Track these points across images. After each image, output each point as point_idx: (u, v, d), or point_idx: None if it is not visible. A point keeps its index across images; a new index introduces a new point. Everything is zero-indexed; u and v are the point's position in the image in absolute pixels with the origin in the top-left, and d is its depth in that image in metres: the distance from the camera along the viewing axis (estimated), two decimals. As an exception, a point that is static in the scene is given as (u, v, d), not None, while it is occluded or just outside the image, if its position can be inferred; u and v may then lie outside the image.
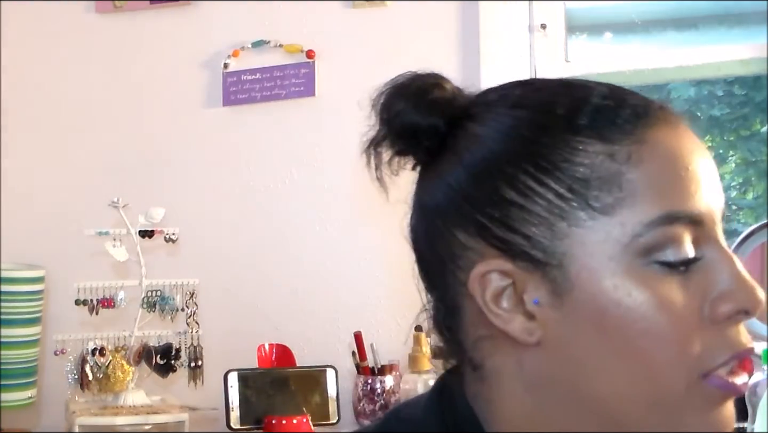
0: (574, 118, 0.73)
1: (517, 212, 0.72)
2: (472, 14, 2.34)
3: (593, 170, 0.71)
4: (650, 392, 0.70)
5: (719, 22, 2.50)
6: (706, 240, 0.72)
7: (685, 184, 0.71)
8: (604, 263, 0.70)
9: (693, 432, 0.71)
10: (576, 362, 0.72)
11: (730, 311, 0.71)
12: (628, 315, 0.69)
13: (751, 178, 3.43)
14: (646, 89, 3.46)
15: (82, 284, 2.20)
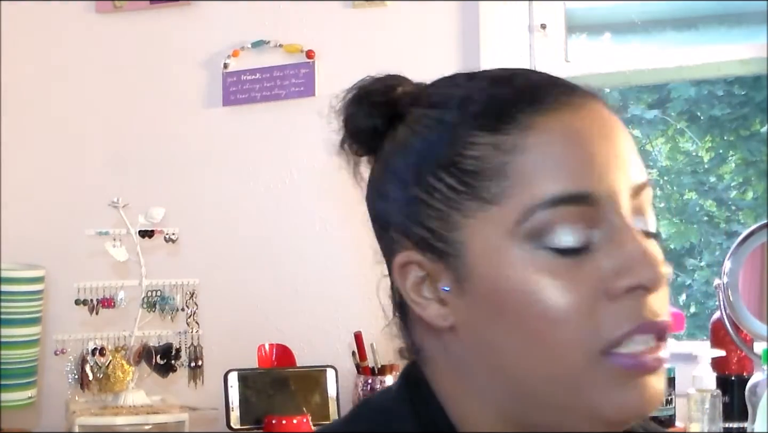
0: (466, 113, 0.75)
1: (422, 208, 0.76)
2: (472, 14, 2.33)
3: (482, 162, 0.73)
4: (553, 370, 0.72)
5: (719, 22, 2.50)
6: (606, 219, 0.72)
7: (574, 166, 0.72)
8: (497, 250, 0.73)
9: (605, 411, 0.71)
10: (486, 345, 0.75)
11: (626, 285, 0.71)
12: (523, 299, 0.71)
13: (751, 178, 3.43)
14: (646, 89, 3.46)
15: (82, 284, 2.20)
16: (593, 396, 0.71)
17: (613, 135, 0.75)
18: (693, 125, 3.55)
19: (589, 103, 0.76)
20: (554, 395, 0.72)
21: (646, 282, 0.71)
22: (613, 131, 0.75)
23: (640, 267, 0.71)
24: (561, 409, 0.73)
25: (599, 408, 0.71)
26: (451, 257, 0.75)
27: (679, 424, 1.92)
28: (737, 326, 1.97)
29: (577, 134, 0.73)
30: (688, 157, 3.59)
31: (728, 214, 3.53)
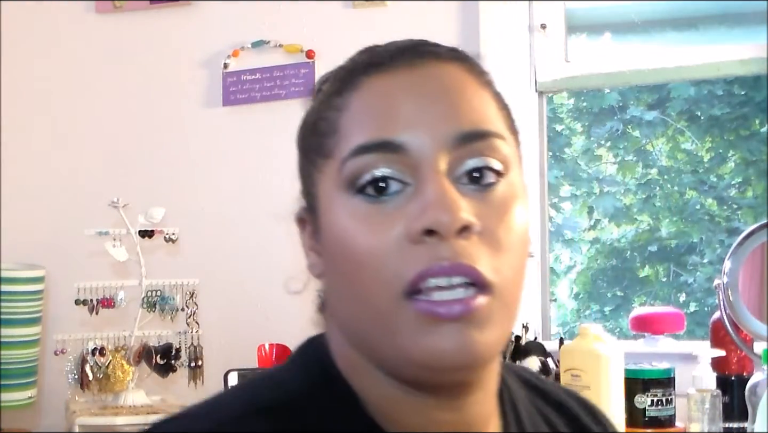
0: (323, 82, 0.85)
1: (302, 168, 0.83)
2: (472, 14, 2.34)
3: (327, 122, 0.80)
4: (362, 310, 0.76)
5: (719, 22, 2.50)
6: (417, 168, 0.75)
7: (383, 118, 0.77)
8: (329, 199, 0.78)
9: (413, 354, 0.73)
10: (331, 289, 0.82)
11: (419, 227, 0.73)
12: (340, 243, 0.77)
13: (750, 178, 3.43)
14: (646, 89, 3.46)
15: (82, 284, 2.21)
16: (399, 337, 0.74)
17: (440, 90, 0.78)
18: (693, 125, 3.55)
19: (425, 63, 0.79)
20: (371, 337, 0.76)
21: (437, 226, 0.73)
22: (444, 86, 0.78)
23: (433, 210, 0.73)
24: (381, 350, 0.76)
25: (407, 351, 0.74)
26: (313, 210, 0.82)
27: (679, 424, 1.92)
28: (737, 326, 1.97)
29: (390, 91, 0.78)
30: (688, 157, 3.59)
31: (728, 212, 3.53)
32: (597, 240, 3.72)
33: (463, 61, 0.82)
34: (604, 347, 1.81)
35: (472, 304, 0.73)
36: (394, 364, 0.76)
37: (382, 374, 0.78)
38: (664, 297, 3.59)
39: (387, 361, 0.76)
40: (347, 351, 0.80)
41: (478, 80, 0.82)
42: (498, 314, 0.74)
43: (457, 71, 0.80)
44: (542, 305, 2.36)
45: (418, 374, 0.75)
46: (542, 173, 2.38)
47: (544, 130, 2.40)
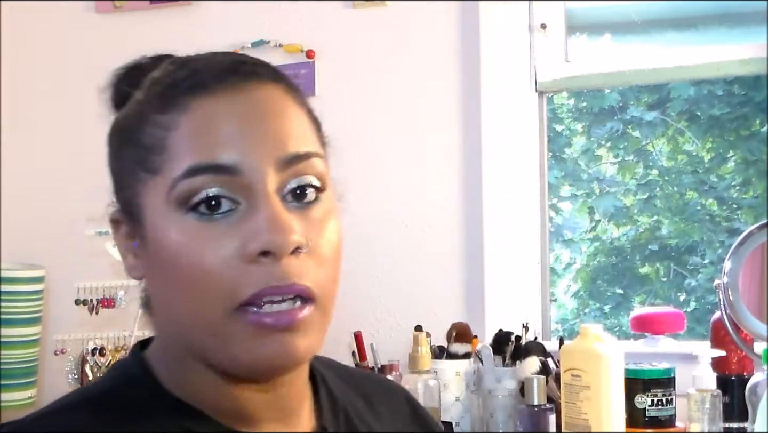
0: (150, 94, 0.86)
1: (119, 176, 0.88)
2: (472, 14, 2.34)
3: (151, 138, 0.83)
4: (198, 322, 0.82)
5: (719, 22, 2.50)
6: (248, 189, 0.81)
7: (215, 141, 0.81)
8: (157, 214, 0.83)
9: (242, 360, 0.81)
10: (158, 294, 0.87)
11: (254, 249, 0.79)
12: (174, 258, 0.81)
13: (751, 178, 3.43)
14: (646, 89, 3.46)
15: (82, 284, 2.21)
16: (231, 347, 0.81)
17: (265, 113, 0.83)
18: (693, 125, 3.55)
19: (248, 86, 0.84)
20: (202, 343, 0.83)
21: (273, 248, 0.79)
22: (267, 110, 0.84)
23: (268, 233, 0.79)
24: (210, 355, 0.83)
25: (237, 357, 0.81)
26: (136, 218, 0.86)
27: (679, 424, 1.92)
28: (737, 326, 1.97)
29: (220, 114, 0.82)
30: (688, 157, 3.59)
31: (729, 213, 3.53)
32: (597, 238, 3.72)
33: (281, 82, 0.87)
34: (604, 347, 1.81)
35: (298, 316, 0.81)
36: (225, 367, 0.83)
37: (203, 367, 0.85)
38: (664, 296, 3.60)
39: (216, 365, 0.84)
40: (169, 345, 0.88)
41: (296, 100, 0.87)
42: (318, 322, 0.83)
43: (278, 92, 0.86)
44: (542, 305, 2.36)
45: (248, 375, 0.84)
46: (542, 173, 2.38)
47: (544, 130, 2.40)
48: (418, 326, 2.05)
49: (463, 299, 2.32)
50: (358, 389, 1.01)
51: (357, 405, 0.99)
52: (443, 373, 2.07)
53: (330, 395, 0.96)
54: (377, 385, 1.06)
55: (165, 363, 0.89)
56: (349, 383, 1.01)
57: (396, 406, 1.04)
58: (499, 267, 2.29)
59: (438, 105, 2.36)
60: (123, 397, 0.86)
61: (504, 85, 2.32)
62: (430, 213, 2.34)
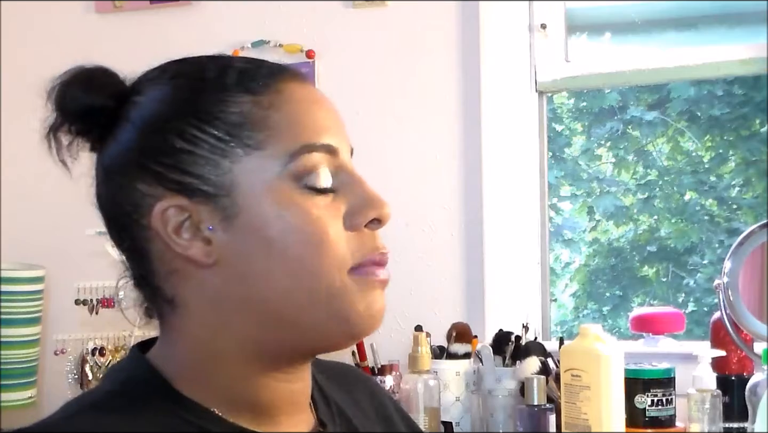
0: (222, 79, 0.90)
1: (186, 157, 0.87)
2: (472, 14, 2.34)
3: (244, 117, 0.87)
4: (311, 289, 0.86)
5: (719, 22, 2.50)
6: (342, 168, 0.90)
7: (318, 123, 0.89)
8: (263, 188, 0.86)
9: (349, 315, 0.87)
10: (248, 274, 0.87)
11: (367, 218, 0.89)
12: (286, 229, 0.85)
13: (751, 178, 3.43)
14: (646, 89, 3.46)
15: (82, 284, 2.21)
16: (344, 306, 0.87)
17: (331, 107, 0.93)
18: (693, 125, 3.55)
19: (309, 83, 0.93)
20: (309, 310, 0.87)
21: (383, 217, 0.90)
22: (331, 105, 0.93)
23: (376, 205, 0.89)
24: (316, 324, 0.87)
25: (345, 315, 0.87)
26: (220, 198, 0.86)
27: (679, 424, 1.92)
28: (737, 326, 1.97)
29: (313, 100, 0.91)
30: (688, 157, 3.60)
31: (728, 213, 3.53)
32: (596, 240, 3.72)
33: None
34: (604, 347, 1.81)
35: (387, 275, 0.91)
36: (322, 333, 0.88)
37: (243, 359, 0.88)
38: (663, 297, 3.60)
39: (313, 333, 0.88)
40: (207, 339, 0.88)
41: None
42: None
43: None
44: (542, 305, 2.36)
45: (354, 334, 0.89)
46: (542, 173, 2.38)
47: (544, 130, 2.40)
48: (418, 326, 2.05)
49: (463, 299, 2.32)
50: (336, 380, 1.05)
51: (341, 397, 1.03)
52: (443, 373, 2.07)
53: (320, 391, 1.00)
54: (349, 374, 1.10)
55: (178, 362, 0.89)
56: (336, 379, 1.05)
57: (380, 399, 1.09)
58: (499, 267, 2.29)
59: (438, 105, 2.36)
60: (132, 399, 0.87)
61: (504, 85, 2.32)
62: (430, 213, 2.34)
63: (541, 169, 2.37)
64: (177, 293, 0.89)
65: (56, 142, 0.96)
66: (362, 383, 1.10)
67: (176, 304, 0.89)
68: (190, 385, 0.88)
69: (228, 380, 0.88)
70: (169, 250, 0.88)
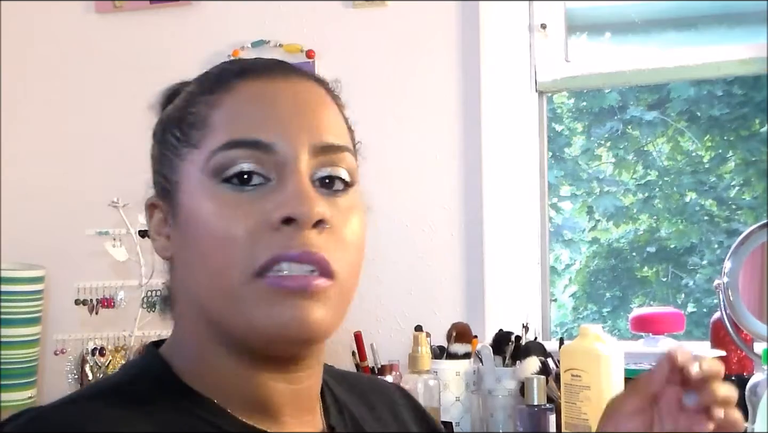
0: (197, 82, 0.93)
1: (160, 159, 0.92)
2: (472, 14, 2.34)
3: (196, 116, 0.90)
4: (216, 287, 0.86)
5: (719, 22, 2.50)
6: (281, 166, 0.87)
7: (255, 120, 0.87)
8: (193, 185, 0.88)
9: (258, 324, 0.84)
10: (184, 267, 0.90)
11: (279, 216, 0.84)
12: (199, 225, 0.87)
13: (750, 179, 3.43)
14: (646, 89, 3.46)
15: (82, 284, 2.21)
16: (247, 311, 0.84)
17: (305, 101, 0.90)
18: (693, 125, 3.55)
19: (291, 78, 0.91)
20: (220, 311, 0.86)
21: (296, 215, 0.84)
22: (307, 99, 0.90)
23: (294, 202, 0.84)
24: (230, 323, 0.86)
25: (253, 322, 0.84)
26: (171, 195, 0.91)
27: (679, 424, 1.92)
28: (737, 326, 1.97)
29: (261, 96, 0.89)
30: (688, 157, 3.60)
31: (728, 213, 3.53)
32: (596, 240, 3.72)
33: (323, 85, 0.95)
34: (604, 347, 1.81)
35: (313, 282, 0.84)
36: (242, 335, 0.86)
37: (226, 352, 0.88)
38: (662, 298, 3.60)
39: (235, 333, 0.86)
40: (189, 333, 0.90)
41: (335, 102, 0.95)
42: (335, 299, 0.86)
43: (320, 90, 0.93)
44: (542, 305, 2.36)
45: (263, 345, 0.86)
46: (542, 173, 2.38)
47: (544, 130, 2.40)
48: (418, 326, 2.05)
49: (463, 299, 2.32)
50: (359, 395, 1.04)
51: (360, 411, 1.01)
52: (443, 373, 2.07)
53: (335, 400, 0.99)
54: (377, 390, 1.08)
55: (183, 356, 0.91)
56: (351, 390, 1.04)
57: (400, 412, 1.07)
58: (499, 267, 2.29)
59: (438, 105, 2.36)
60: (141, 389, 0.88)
61: (504, 85, 2.32)
62: (430, 213, 2.34)
63: (541, 169, 2.37)
64: (170, 284, 0.94)
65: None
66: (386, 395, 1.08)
67: (171, 295, 0.94)
68: (195, 378, 0.89)
69: (224, 373, 0.89)
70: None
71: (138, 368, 0.92)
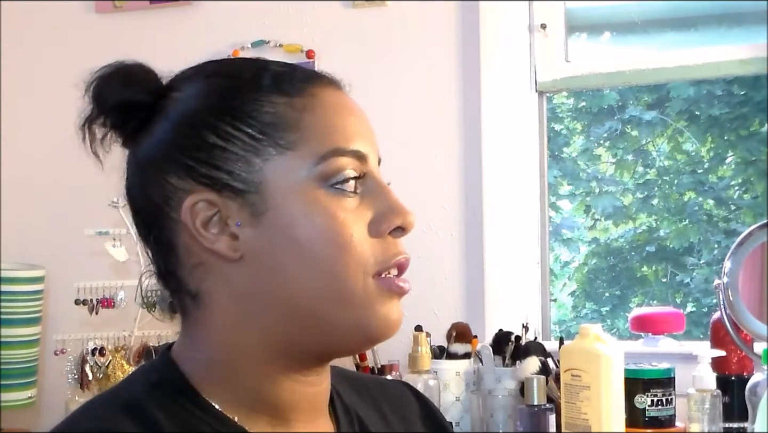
0: (258, 80, 0.91)
1: (219, 153, 0.89)
2: (472, 14, 2.34)
3: (278, 117, 0.89)
4: (333, 290, 0.87)
5: (719, 22, 2.51)
6: (369, 175, 0.91)
7: (348, 129, 0.91)
8: (291, 188, 0.88)
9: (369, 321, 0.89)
10: (273, 270, 0.88)
11: (392, 225, 0.90)
12: (312, 229, 0.87)
13: (750, 178, 3.43)
14: (646, 89, 3.46)
15: (82, 284, 2.21)
16: (364, 311, 0.88)
17: (363, 115, 0.94)
18: (692, 125, 3.55)
19: (341, 89, 0.95)
20: (331, 312, 0.88)
21: (407, 225, 0.91)
22: (362, 113, 0.95)
23: (396, 214, 0.90)
24: (335, 325, 0.88)
25: (363, 320, 0.89)
26: (250, 195, 0.88)
27: (679, 424, 1.92)
28: (737, 326, 1.98)
29: (342, 106, 0.92)
30: (687, 157, 3.60)
31: (727, 213, 3.53)
32: (595, 240, 3.72)
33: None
34: (604, 347, 1.81)
35: (407, 286, 0.91)
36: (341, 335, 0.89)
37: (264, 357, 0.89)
38: (661, 297, 3.60)
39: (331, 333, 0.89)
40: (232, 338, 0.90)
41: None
42: None
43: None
44: (542, 305, 2.36)
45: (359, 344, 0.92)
46: (542, 173, 2.38)
47: (544, 130, 2.40)
48: (418, 326, 2.05)
49: (463, 299, 2.32)
50: (370, 399, 1.05)
51: (369, 415, 1.02)
52: (443, 373, 2.07)
53: (344, 406, 1.00)
54: (388, 392, 1.08)
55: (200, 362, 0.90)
56: (361, 393, 1.04)
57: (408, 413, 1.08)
58: (499, 267, 2.29)
59: (438, 105, 2.36)
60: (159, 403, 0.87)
61: (504, 85, 2.32)
62: (430, 213, 2.35)
63: (541, 169, 2.38)
64: (201, 287, 0.90)
65: (90, 134, 0.96)
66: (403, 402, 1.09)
67: (200, 298, 0.90)
68: (211, 387, 0.89)
69: (248, 378, 0.89)
70: (196, 243, 0.89)
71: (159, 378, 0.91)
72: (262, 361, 0.89)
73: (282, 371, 0.90)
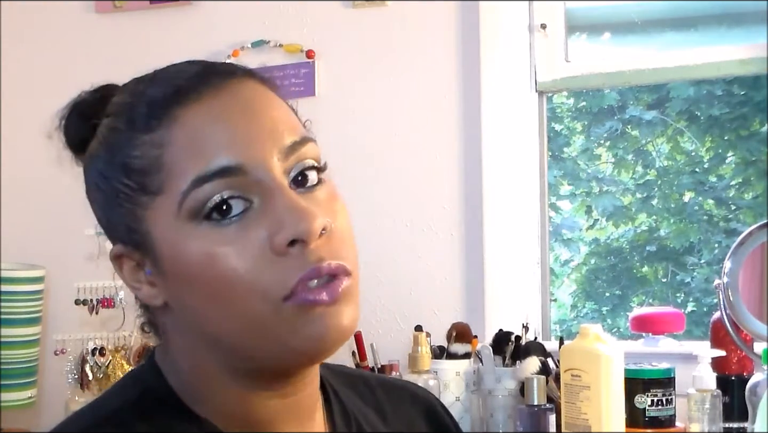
0: (129, 118, 0.84)
1: (115, 208, 0.85)
2: (472, 14, 2.34)
3: (143, 160, 0.82)
4: (244, 324, 0.81)
5: (719, 22, 2.50)
6: (258, 185, 0.81)
7: (213, 145, 0.81)
8: (170, 232, 0.82)
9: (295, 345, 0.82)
10: (191, 312, 0.84)
11: (284, 239, 0.80)
12: (201, 269, 0.81)
13: (750, 178, 3.43)
14: (646, 89, 3.46)
15: (82, 284, 2.21)
16: (281, 335, 0.81)
17: (255, 108, 0.84)
18: (692, 125, 3.55)
19: (229, 84, 0.84)
20: (249, 344, 0.82)
21: (302, 236, 0.80)
22: (256, 104, 0.84)
23: (291, 222, 0.80)
24: (259, 353, 0.83)
25: (289, 344, 0.81)
26: (144, 245, 0.84)
27: (679, 424, 1.92)
28: (737, 326, 1.98)
29: (211, 118, 0.82)
30: (687, 157, 3.60)
31: (727, 213, 3.53)
32: (595, 240, 3.72)
33: (255, 76, 0.87)
34: (604, 347, 1.81)
35: (339, 288, 0.81)
36: (275, 359, 0.83)
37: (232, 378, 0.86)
38: (661, 297, 3.60)
39: (264, 359, 0.83)
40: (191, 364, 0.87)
41: (275, 93, 0.88)
42: (355, 293, 0.84)
43: (257, 86, 0.86)
44: (542, 305, 2.36)
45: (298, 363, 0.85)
46: (542, 173, 2.38)
47: (544, 130, 2.40)
48: (418, 326, 2.05)
49: (463, 299, 2.32)
50: (372, 399, 1.02)
51: (368, 416, 0.99)
52: (443, 373, 2.07)
53: (341, 407, 0.97)
54: (390, 392, 1.05)
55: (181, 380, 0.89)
56: (362, 392, 1.02)
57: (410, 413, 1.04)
58: (499, 267, 2.29)
59: (438, 105, 2.36)
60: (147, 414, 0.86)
61: (504, 85, 2.32)
62: (430, 213, 2.34)
63: (541, 169, 2.38)
64: (160, 323, 0.90)
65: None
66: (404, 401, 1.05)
67: (162, 332, 0.90)
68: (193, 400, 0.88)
69: (222, 397, 0.87)
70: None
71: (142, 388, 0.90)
72: (228, 382, 0.86)
73: (251, 388, 0.86)
